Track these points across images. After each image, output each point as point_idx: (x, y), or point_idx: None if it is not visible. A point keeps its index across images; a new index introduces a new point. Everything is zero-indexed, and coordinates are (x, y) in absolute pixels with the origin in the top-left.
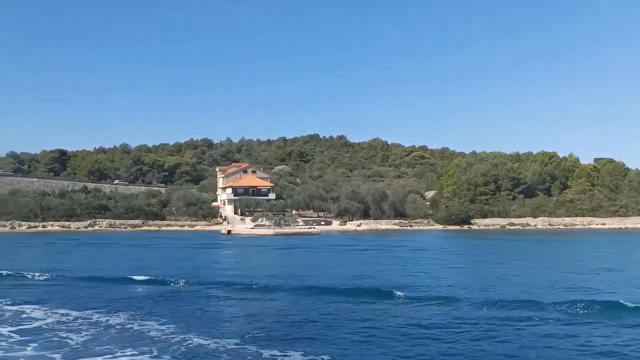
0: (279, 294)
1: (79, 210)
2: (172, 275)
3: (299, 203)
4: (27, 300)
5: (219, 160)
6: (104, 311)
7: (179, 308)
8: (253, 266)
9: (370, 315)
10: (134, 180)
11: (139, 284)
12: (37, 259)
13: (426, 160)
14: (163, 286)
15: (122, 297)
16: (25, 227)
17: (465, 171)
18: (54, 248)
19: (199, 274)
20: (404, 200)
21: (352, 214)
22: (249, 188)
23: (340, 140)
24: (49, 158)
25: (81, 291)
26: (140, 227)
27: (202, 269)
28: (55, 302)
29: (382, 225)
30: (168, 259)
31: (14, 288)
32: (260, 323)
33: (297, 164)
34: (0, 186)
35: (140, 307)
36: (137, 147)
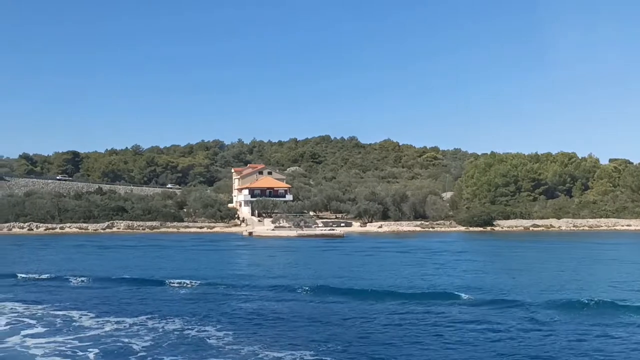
0: (338, 297)
1: (96, 212)
2: (218, 278)
3: (316, 204)
4: (75, 306)
5: (231, 162)
6: (156, 316)
7: (234, 312)
8: (298, 268)
9: (444, 318)
10: (147, 181)
11: (183, 287)
12: (70, 261)
13: (439, 161)
14: (211, 289)
15: (171, 301)
16: (43, 229)
17: (484, 172)
18: (82, 250)
19: (243, 276)
20: (424, 201)
21: (372, 215)
22: (265, 189)
23: (352, 141)
24: (61, 160)
25: (125, 294)
26: (159, 228)
27: (244, 271)
28: (104, 307)
29: (403, 227)
30: (204, 262)
31: (57, 292)
32: (333, 330)
33: (310, 165)
34: (16, 188)
35: (195, 312)
36: (149, 149)
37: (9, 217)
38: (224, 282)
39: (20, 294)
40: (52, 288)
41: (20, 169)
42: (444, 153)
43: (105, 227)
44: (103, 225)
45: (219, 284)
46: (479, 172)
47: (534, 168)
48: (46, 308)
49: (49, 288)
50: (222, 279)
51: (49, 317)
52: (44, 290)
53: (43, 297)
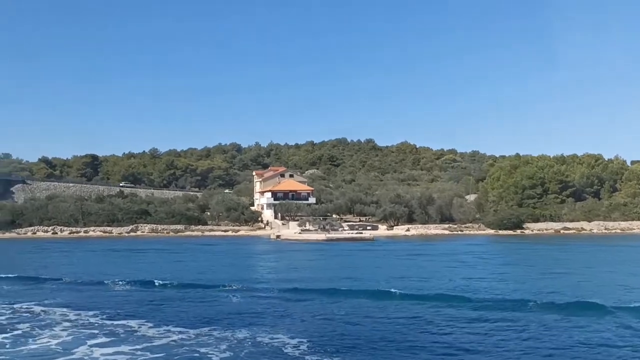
0: (409, 302)
1: (119, 215)
2: (273, 282)
3: (340, 207)
4: (130, 313)
5: (249, 165)
6: (219, 323)
7: (309, 319)
8: (355, 272)
9: (540, 326)
10: (167, 184)
11: (236, 292)
12: (108, 265)
13: (457, 163)
14: (268, 293)
15: (228, 306)
16: (67, 233)
17: (509, 174)
18: (116, 254)
19: (300, 280)
20: (450, 204)
21: (398, 218)
22: (288, 192)
23: (369, 144)
24: (81, 163)
25: (176, 300)
26: (183, 232)
27: (299, 275)
28: (159, 314)
29: (431, 230)
30: (248, 265)
31: (105, 297)
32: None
33: (328, 167)
34: (37, 191)
35: (259, 318)
36: (167, 152)
37: (33, 220)
38: (280, 286)
39: (68, 299)
40: (99, 292)
41: (40, 172)
42: (462, 155)
43: (130, 230)
44: (127, 228)
45: (272, 289)
46: (505, 174)
47: (560, 170)
48: (99, 315)
49: (96, 292)
50: (278, 283)
51: (108, 326)
52: (92, 295)
53: (92, 302)
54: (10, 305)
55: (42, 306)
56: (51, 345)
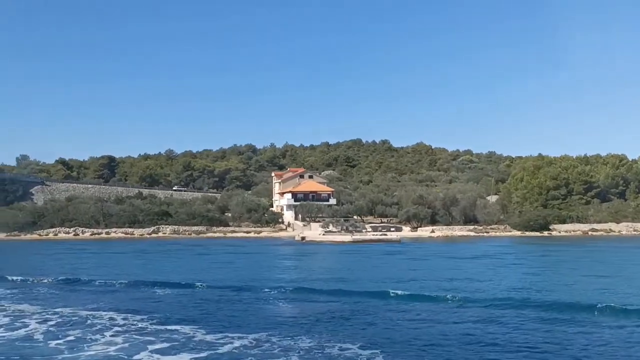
0: (474, 306)
1: (140, 217)
2: (319, 283)
3: (361, 208)
4: (181, 318)
5: (265, 166)
6: (277, 329)
7: (370, 325)
8: (395, 274)
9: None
10: (184, 186)
11: (283, 295)
12: (140, 267)
13: (474, 164)
14: (322, 298)
15: (279, 310)
16: (89, 234)
17: (533, 175)
18: (147, 256)
19: (345, 283)
20: (474, 205)
21: (421, 219)
22: (309, 193)
23: (384, 144)
24: (98, 164)
25: (224, 304)
26: (205, 233)
27: (336, 276)
28: (211, 319)
29: (456, 232)
30: (285, 267)
31: (148, 300)
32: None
33: (344, 168)
34: (56, 192)
35: (321, 327)
36: (183, 153)
37: (54, 222)
38: (327, 287)
39: (112, 302)
40: (141, 295)
41: (58, 174)
42: (478, 156)
43: (151, 232)
44: (148, 230)
45: (320, 290)
46: (528, 175)
47: (585, 170)
48: (148, 319)
49: (138, 295)
50: (323, 284)
51: (162, 332)
52: (135, 298)
53: (137, 305)
54: (55, 309)
55: (87, 310)
56: (110, 352)
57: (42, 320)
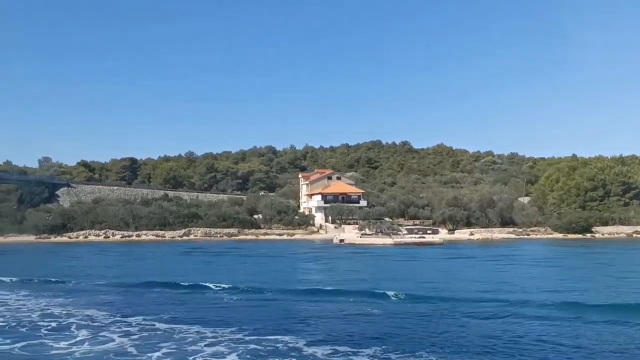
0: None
1: (170, 219)
2: (395, 290)
3: (393, 210)
4: (275, 328)
5: (286, 168)
6: (391, 345)
7: (477, 337)
8: (461, 278)
9: None
10: (208, 188)
11: (365, 301)
12: (199, 269)
13: (498, 165)
14: (400, 307)
15: (383, 322)
16: (119, 237)
17: (569, 176)
18: (192, 259)
19: (423, 289)
20: (511, 207)
21: (457, 222)
22: (338, 195)
23: (405, 146)
24: (120, 166)
25: (318, 312)
26: (236, 235)
27: (409, 281)
28: (309, 329)
29: (495, 234)
30: (346, 271)
31: (230, 309)
32: None
33: (367, 170)
34: (82, 195)
35: (436, 341)
36: (203, 155)
37: (84, 224)
38: (412, 292)
39: (185, 312)
40: (211, 301)
41: (80, 176)
42: (500, 157)
43: (182, 234)
44: (180, 232)
45: (398, 296)
46: (563, 176)
47: (622, 171)
48: (239, 331)
49: (207, 301)
50: (402, 289)
51: (269, 346)
52: (208, 306)
53: (218, 315)
54: (126, 318)
55: (164, 322)
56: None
57: (123, 332)
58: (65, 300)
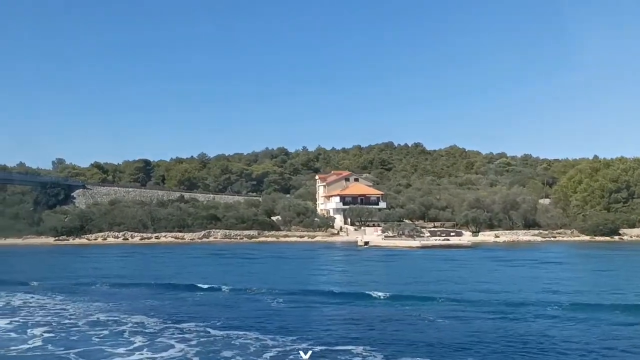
0: None
1: (189, 221)
2: (462, 294)
3: (413, 212)
4: (351, 337)
5: (300, 169)
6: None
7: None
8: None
9: None
10: (222, 189)
11: (436, 308)
12: (235, 272)
13: (512, 167)
14: (476, 310)
15: (458, 329)
16: (138, 239)
17: (591, 177)
18: (224, 261)
19: (486, 293)
20: (534, 209)
21: (480, 223)
22: (357, 196)
23: (417, 147)
24: (133, 168)
25: (394, 317)
26: (257, 238)
27: (487, 286)
28: (385, 338)
29: (521, 237)
30: (397, 274)
31: (263, 311)
32: None
33: (380, 172)
34: (97, 196)
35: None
36: (216, 157)
37: (103, 226)
38: (488, 298)
39: (240, 318)
40: (267, 307)
41: (94, 177)
42: (513, 159)
43: (202, 236)
44: (199, 234)
45: (482, 302)
46: (586, 177)
47: None
48: (311, 342)
49: (264, 307)
50: (468, 294)
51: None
52: (267, 313)
53: (282, 323)
54: (178, 324)
55: (218, 329)
56: None
57: (179, 338)
58: (105, 304)
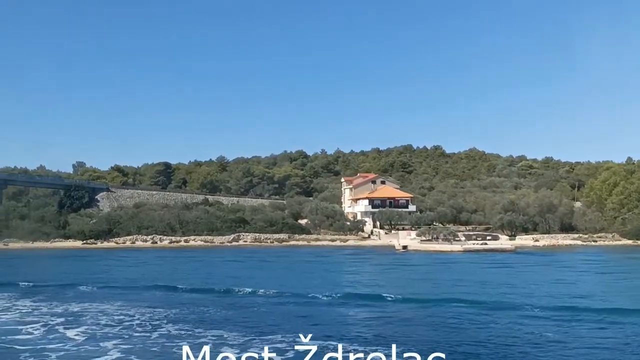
0: None
1: (218, 224)
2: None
3: (445, 215)
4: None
5: (320, 172)
6: None
7: None
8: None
9: None
10: (244, 192)
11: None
12: (288, 277)
13: (535, 170)
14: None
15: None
16: (167, 242)
17: (627, 180)
18: (268, 265)
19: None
20: (571, 212)
21: (516, 227)
22: (386, 199)
23: (437, 150)
24: (154, 171)
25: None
26: (287, 241)
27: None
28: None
29: (559, 241)
30: (472, 280)
31: (357, 324)
32: None
33: (402, 175)
34: (121, 199)
35: None
36: (235, 160)
37: (131, 229)
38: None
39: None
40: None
41: (115, 180)
42: (534, 162)
43: (232, 239)
44: (229, 237)
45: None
46: (622, 179)
47: None
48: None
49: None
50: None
51: None
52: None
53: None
54: (264, 336)
55: (311, 341)
56: None
57: (274, 349)
58: (168, 311)
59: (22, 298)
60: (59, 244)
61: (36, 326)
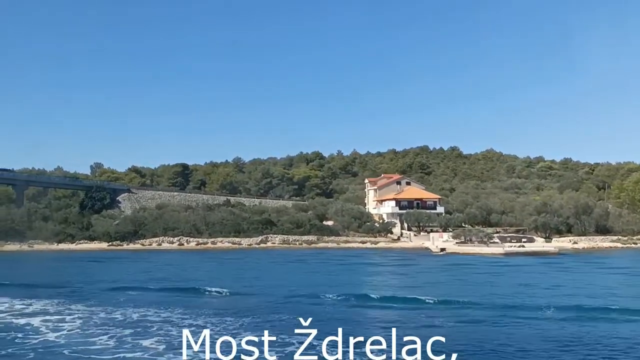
0: None
1: (245, 225)
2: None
3: (474, 217)
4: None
5: (338, 173)
6: None
7: None
8: None
9: None
10: (264, 193)
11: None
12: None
13: (554, 171)
14: None
15: None
16: (194, 244)
17: None
18: (308, 268)
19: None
20: (607, 213)
21: (551, 229)
22: (413, 200)
23: (454, 151)
24: (171, 172)
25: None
26: (316, 243)
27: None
28: None
29: (599, 243)
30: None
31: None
32: None
33: (420, 176)
34: (143, 200)
35: None
36: (251, 161)
37: (157, 231)
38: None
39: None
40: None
41: (134, 181)
42: (553, 162)
43: (260, 241)
44: (257, 239)
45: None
46: None
47: None
48: None
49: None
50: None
51: None
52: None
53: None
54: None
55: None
56: None
57: None
58: (239, 320)
59: (75, 303)
60: (84, 245)
61: (103, 337)
